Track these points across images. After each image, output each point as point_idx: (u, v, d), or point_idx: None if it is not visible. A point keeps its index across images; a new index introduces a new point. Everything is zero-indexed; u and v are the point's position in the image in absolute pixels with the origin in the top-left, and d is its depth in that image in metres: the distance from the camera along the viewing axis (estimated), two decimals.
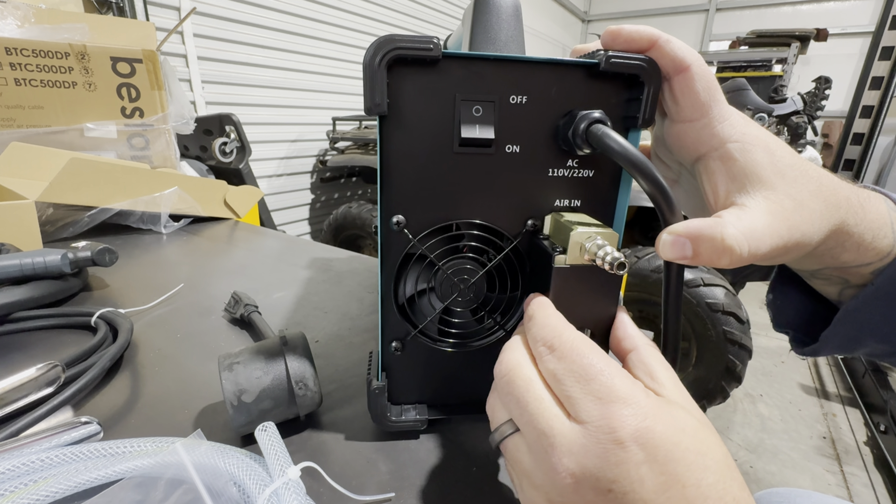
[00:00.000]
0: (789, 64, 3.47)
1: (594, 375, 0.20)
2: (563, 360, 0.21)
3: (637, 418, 0.18)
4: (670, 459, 0.18)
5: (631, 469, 0.18)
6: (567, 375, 0.20)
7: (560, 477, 0.19)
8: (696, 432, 0.19)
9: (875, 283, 0.27)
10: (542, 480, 0.20)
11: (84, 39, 0.89)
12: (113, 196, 0.80)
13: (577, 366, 0.20)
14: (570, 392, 0.20)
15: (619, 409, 0.18)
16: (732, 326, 1.38)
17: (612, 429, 0.18)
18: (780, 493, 0.40)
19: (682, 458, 0.18)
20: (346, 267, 0.71)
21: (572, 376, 0.20)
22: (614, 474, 0.18)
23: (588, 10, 6.10)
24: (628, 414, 0.18)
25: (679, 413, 0.19)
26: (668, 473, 0.18)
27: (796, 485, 1.43)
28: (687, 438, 0.18)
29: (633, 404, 0.19)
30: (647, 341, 0.24)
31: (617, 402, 0.19)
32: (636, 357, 0.23)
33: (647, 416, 0.18)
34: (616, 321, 0.26)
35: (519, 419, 0.21)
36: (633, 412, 0.18)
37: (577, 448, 0.18)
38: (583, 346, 0.21)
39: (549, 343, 0.22)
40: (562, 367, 0.20)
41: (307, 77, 2.49)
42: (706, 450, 0.19)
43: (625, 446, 0.18)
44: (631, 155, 0.22)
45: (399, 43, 0.23)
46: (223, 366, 0.31)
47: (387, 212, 0.27)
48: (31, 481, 0.24)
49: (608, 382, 0.19)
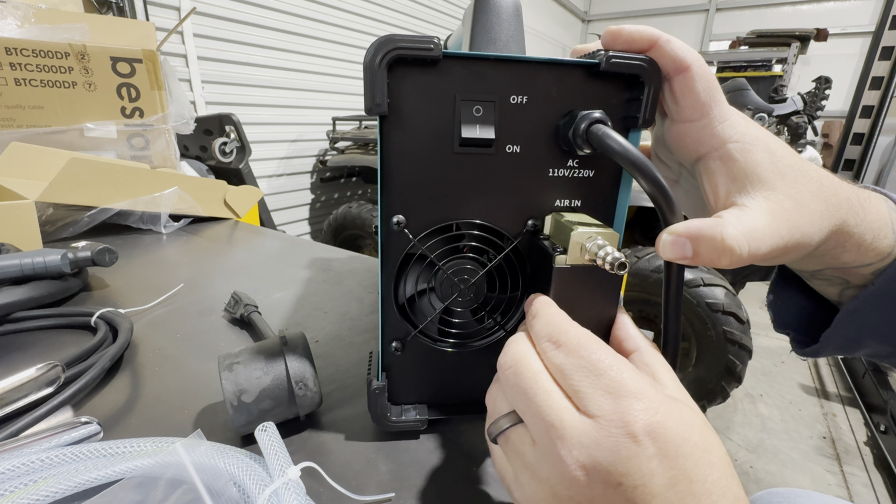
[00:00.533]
0: (789, 64, 3.47)
1: (603, 370, 0.20)
2: (571, 356, 0.21)
3: (649, 412, 0.18)
4: (679, 454, 0.18)
5: (643, 463, 0.18)
6: (575, 370, 0.20)
7: (569, 469, 0.19)
8: (702, 429, 0.19)
9: (875, 283, 0.27)
10: (548, 473, 0.20)
11: (84, 39, 0.89)
12: (113, 196, 0.80)
13: (586, 361, 0.20)
14: (578, 386, 0.20)
15: (631, 403, 0.18)
16: (732, 326, 1.38)
17: (624, 423, 0.18)
18: (780, 493, 0.40)
19: (691, 453, 0.18)
20: (346, 267, 0.71)
21: (580, 371, 0.20)
22: (626, 468, 0.18)
23: (588, 10, 6.10)
24: (640, 408, 0.18)
25: (686, 410, 0.20)
26: (678, 468, 0.18)
27: (796, 485, 1.43)
28: (695, 434, 0.19)
29: (644, 399, 0.19)
30: (649, 342, 0.24)
31: (628, 396, 0.19)
32: (638, 357, 0.23)
33: (659, 410, 0.18)
34: (617, 322, 0.26)
35: (525, 411, 0.21)
36: (645, 406, 0.18)
37: (587, 440, 0.18)
38: (589, 341, 0.21)
39: (555, 338, 0.22)
40: (569, 362, 0.20)
41: (307, 77, 2.49)
42: (711, 447, 0.19)
43: (637, 440, 0.18)
44: (631, 155, 0.22)
45: (399, 43, 0.23)
46: (223, 366, 0.31)
47: (387, 212, 0.27)
48: (31, 481, 0.24)
49: (618, 377, 0.19)
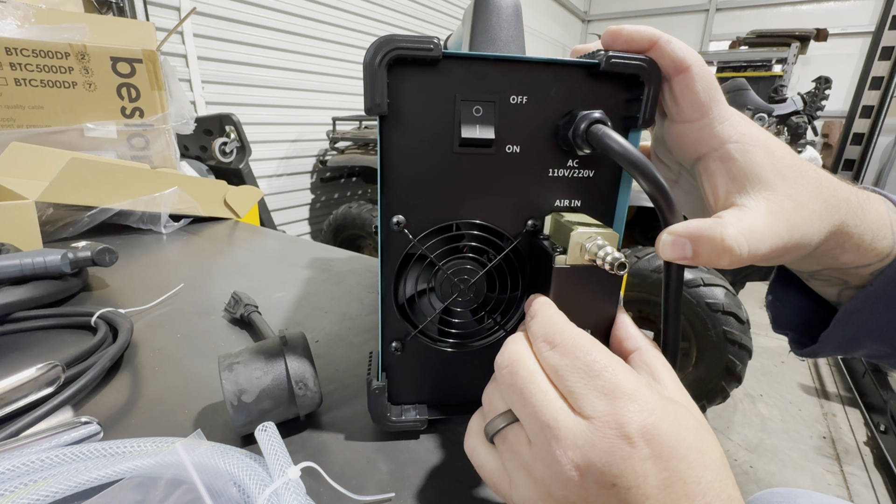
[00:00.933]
0: (789, 64, 3.47)
1: (599, 371, 0.20)
2: (566, 356, 0.21)
3: (644, 414, 0.18)
4: (673, 456, 0.18)
5: (636, 464, 0.18)
6: (570, 371, 0.20)
7: (564, 469, 0.19)
8: (696, 431, 0.19)
9: (874, 284, 0.27)
10: (542, 473, 0.20)
11: (84, 39, 0.89)
12: (113, 196, 0.80)
13: (581, 362, 0.20)
14: (573, 387, 0.20)
15: (626, 405, 0.18)
16: (732, 326, 1.38)
17: (619, 424, 0.18)
18: (780, 493, 0.40)
19: (685, 455, 0.18)
20: (346, 267, 0.71)
21: (576, 372, 0.20)
22: (619, 469, 0.18)
23: (588, 10, 6.10)
24: (635, 410, 0.18)
25: (681, 411, 0.20)
26: (671, 470, 0.18)
27: (796, 485, 1.43)
28: (689, 436, 0.19)
29: (639, 400, 0.19)
30: (650, 342, 0.24)
31: (623, 397, 0.19)
32: (639, 357, 0.23)
33: (654, 412, 0.18)
34: (617, 322, 0.26)
35: (521, 411, 0.21)
36: (639, 408, 0.18)
37: (582, 441, 0.18)
38: (585, 342, 0.21)
39: (551, 339, 0.22)
40: (564, 363, 0.20)
41: (307, 77, 2.49)
42: (705, 448, 0.19)
43: (632, 441, 0.18)
44: (631, 155, 0.22)
45: (399, 43, 0.23)
46: (223, 366, 0.31)
47: (387, 212, 0.27)
48: (31, 481, 0.24)
49: (613, 378, 0.19)
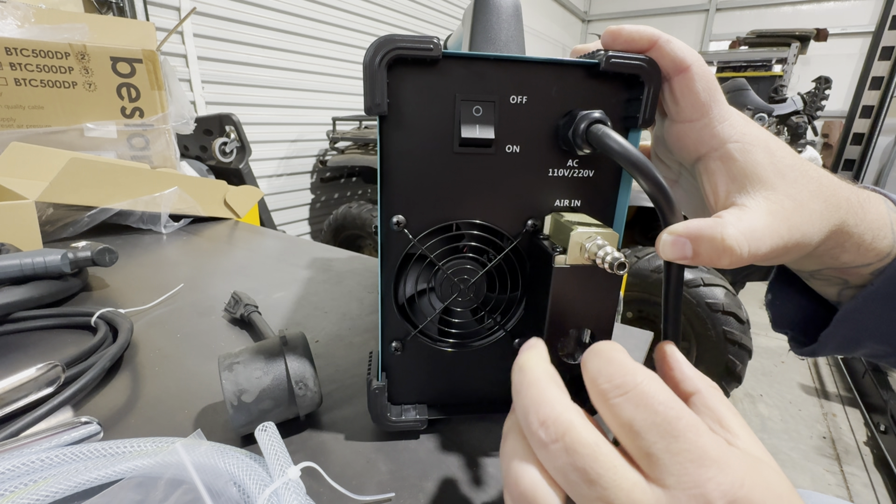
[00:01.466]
0: (789, 64, 3.47)
1: (681, 431, 0.17)
2: (642, 409, 0.17)
3: (734, 486, 0.16)
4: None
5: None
6: (649, 429, 0.17)
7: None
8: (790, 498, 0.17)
9: (874, 283, 0.27)
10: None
11: (84, 39, 0.89)
12: (113, 196, 0.80)
13: (661, 417, 0.17)
14: (651, 449, 0.17)
15: (713, 475, 0.16)
16: (732, 326, 1.38)
17: (707, 500, 0.16)
18: None
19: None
20: (346, 267, 0.71)
21: (655, 430, 0.17)
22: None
23: (588, 10, 6.10)
24: (724, 481, 0.16)
25: (771, 475, 0.17)
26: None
27: (796, 485, 1.42)
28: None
29: (726, 469, 0.16)
30: (709, 382, 0.22)
31: (711, 465, 0.16)
32: (700, 401, 0.21)
33: (745, 483, 0.16)
34: (671, 360, 0.23)
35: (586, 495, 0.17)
36: (729, 479, 0.16)
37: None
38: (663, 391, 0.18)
39: (620, 383, 0.18)
40: (641, 417, 0.17)
41: (307, 77, 2.49)
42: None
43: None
44: (631, 155, 0.22)
45: (399, 43, 0.23)
46: (223, 366, 0.31)
47: (387, 212, 0.27)
48: (31, 481, 0.24)
49: (696, 440, 0.16)
